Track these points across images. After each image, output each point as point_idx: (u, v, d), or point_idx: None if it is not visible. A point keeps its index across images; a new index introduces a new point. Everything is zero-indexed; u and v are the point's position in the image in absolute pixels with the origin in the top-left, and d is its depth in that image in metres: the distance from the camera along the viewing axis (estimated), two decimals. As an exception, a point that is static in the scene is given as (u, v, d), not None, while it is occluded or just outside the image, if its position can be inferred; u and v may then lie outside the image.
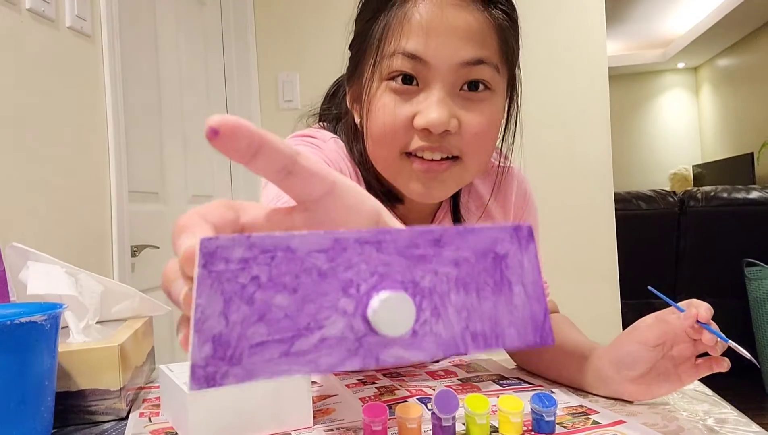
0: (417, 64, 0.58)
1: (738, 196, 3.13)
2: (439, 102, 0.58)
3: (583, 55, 2.37)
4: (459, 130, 0.60)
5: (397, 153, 0.61)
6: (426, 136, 0.59)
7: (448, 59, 0.58)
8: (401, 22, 0.58)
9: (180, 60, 1.96)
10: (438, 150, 0.60)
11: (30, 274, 0.75)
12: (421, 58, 0.58)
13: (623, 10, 5.33)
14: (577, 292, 2.36)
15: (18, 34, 1.17)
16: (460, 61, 0.58)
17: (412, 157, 0.61)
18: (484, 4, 0.59)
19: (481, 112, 0.61)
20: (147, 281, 1.68)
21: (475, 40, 0.58)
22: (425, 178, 0.61)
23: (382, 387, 0.74)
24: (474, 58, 0.58)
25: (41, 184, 1.22)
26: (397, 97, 0.59)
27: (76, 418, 0.66)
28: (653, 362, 0.62)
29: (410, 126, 0.60)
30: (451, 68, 0.58)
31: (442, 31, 0.57)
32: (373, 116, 0.61)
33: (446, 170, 0.61)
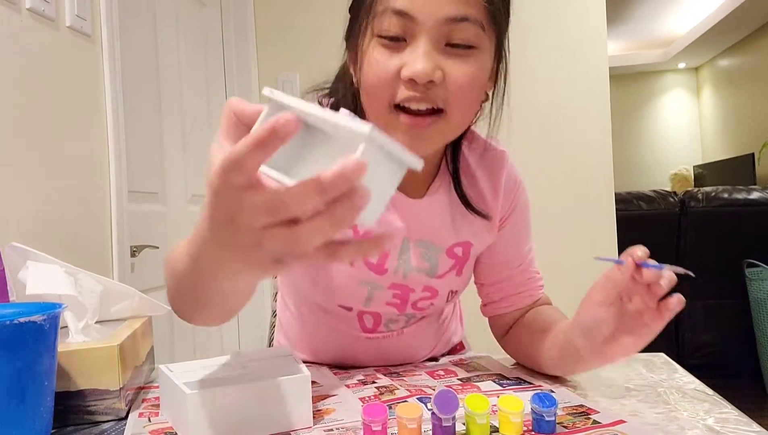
0: (405, 21, 0.62)
1: (739, 197, 3.13)
2: (425, 54, 0.61)
3: (583, 55, 2.37)
4: (443, 81, 0.63)
5: (387, 105, 0.64)
6: (412, 86, 0.62)
7: (433, 14, 0.61)
8: None
9: (180, 60, 1.96)
10: (423, 100, 0.63)
11: (29, 274, 0.75)
12: (408, 14, 0.61)
13: (624, 10, 5.33)
14: (577, 293, 2.35)
15: (18, 34, 1.17)
16: (445, 17, 0.61)
17: (399, 110, 0.64)
18: None
19: (466, 65, 0.63)
20: (147, 281, 1.68)
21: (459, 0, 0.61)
22: (411, 132, 0.64)
23: (382, 386, 0.74)
24: (459, 15, 0.61)
25: (41, 183, 1.22)
26: (386, 51, 0.63)
27: (75, 418, 0.66)
28: (616, 320, 0.62)
29: (398, 77, 0.63)
30: (437, 23, 0.61)
31: None
32: (365, 70, 0.65)
33: (430, 125, 0.65)
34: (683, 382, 0.75)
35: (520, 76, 2.61)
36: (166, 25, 1.88)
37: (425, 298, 0.82)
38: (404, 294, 0.80)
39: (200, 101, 2.11)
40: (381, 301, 0.80)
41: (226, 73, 2.33)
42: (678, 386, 0.73)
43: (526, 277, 0.85)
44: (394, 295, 0.80)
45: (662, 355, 0.88)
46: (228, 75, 2.34)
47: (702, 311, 3.22)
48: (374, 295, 0.80)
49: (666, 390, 0.72)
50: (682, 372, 0.80)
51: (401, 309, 0.82)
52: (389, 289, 0.79)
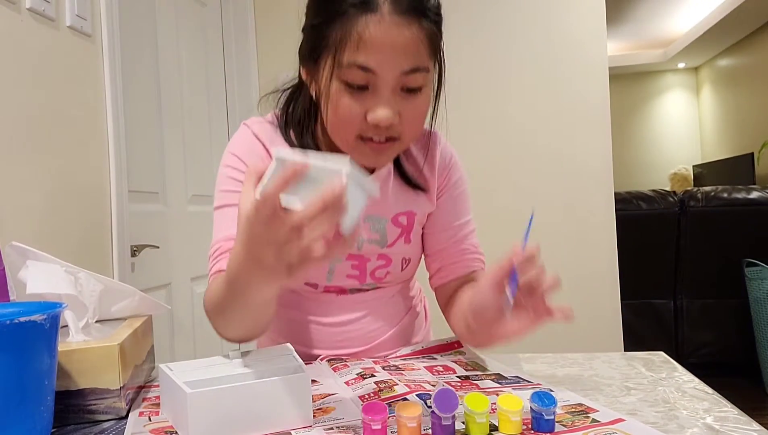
0: (368, 74, 0.73)
1: (738, 197, 3.13)
2: (386, 103, 0.74)
3: (583, 55, 2.37)
4: (399, 119, 0.75)
5: (353, 138, 0.77)
6: (376, 128, 0.75)
7: (391, 70, 0.73)
8: (356, 37, 0.71)
9: (180, 60, 1.96)
10: (384, 134, 0.76)
11: (29, 273, 0.75)
12: (372, 70, 0.72)
13: (623, 10, 5.33)
14: (577, 292, 2.35)
15: (18, 34, 1.17)
16: (401, 70, 0.73)
17: (363, 140, 0.77)
18: (417, 18, 0.73)
19: (417, 105, 0.77)
20: (147, 280, 1.68)
21: (412, 53, 0.73)
22: (374, 154, 0.79)
23: (380, 382, 0.74)
24: (411, 68, 0.73)
25: (41, 183, 1.22)
26: (351, 97, 0.74)
27: (75, 418, 0.66)
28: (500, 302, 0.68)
29: (363, 120, 0.75)
30: (395, 76, 0.73)
31: (387, 47, 0.72)
32: (332, 109, 0.76)
33: (390, 148, 0.78)
34: (683, 381, 0.75)
35: (520, 76, 2.63)
36: (166, 25, 1.88)
37: (381, 266, 0.92)
38: (361, 264, 0.91)
39: (200, 101, 2.11)
40: (342, 274, 0.91)
41: (226, 73, 2.33)
42: (677, 385, 0.73)
43: (460, 247, 0.93)
44: (352, 265, 0.90)
45: (662, 354, 0.88)
46: (228, 75, 2.34)
47: (701, 310, 3.22)
48: (335, 269, 0.90)
49: (665, 389, 0.72)
50: (682, 371, 0.80)
51: (362, 280, 0.92)
52: (347, 261, 0.90)
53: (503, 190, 2.38)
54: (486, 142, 2.40)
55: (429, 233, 0.95)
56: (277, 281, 0.58)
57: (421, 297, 1.09)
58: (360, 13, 0.71)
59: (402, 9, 0.71)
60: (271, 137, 0.87)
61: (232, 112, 2.33)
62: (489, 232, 2.39)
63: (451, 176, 0.94)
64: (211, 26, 2.23)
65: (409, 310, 1.01)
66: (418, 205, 0.92)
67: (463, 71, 2.41)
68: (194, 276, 1.97)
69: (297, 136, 0.86)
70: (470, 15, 2.41)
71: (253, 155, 0.85)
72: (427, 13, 0.74)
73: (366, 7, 0.71)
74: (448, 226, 0.93)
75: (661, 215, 3.20)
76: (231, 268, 0.62)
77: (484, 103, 2.41)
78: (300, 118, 0.86)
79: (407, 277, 0.99)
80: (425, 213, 0.93)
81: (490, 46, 2.40)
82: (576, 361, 0.87)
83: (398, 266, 0.93)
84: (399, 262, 0.93)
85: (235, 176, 0.84)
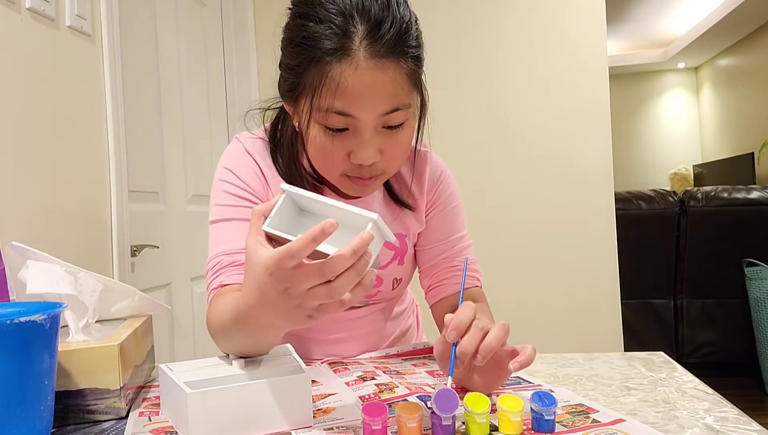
0: (347, 118, 0.71)
1: (738, 196, 3.13)
2: (368, 143, 0.73)
3: (583, 55, 2.37)
4: (382, 156, 0.75)
5: (337, 175, 0.77)
6: (359, 167, 0.75)
7: (371, 113, 0.71)
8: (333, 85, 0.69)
9: (180, 60, 1.96)
10: (368, 174, 0.76)
11: (30, 273, 0.75)
12: (350, 115, 0.71)
13: (623, 10, 5.33)
14: (577, 292, 2.36)
15: (18, 34, 1.17)
16: (380, 113, 0.71)
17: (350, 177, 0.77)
18: (396, 59, 0.70)
19: (399, 141, 0.75)
20: (147, 280, 1.68)
21: (391, 94, 0.71)
22: (360, 188, 0.79)
23: (381, 384, 0.74)
24: (391, 108, 0.71)
25: (41, 183, 1.22)
26: (331, 138, 0.73)
27: (75, 418, 0.66)
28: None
29: (346, 159, 0.74)
30: (375, 118, 0.72)
31: (365, 93, 0.69)
32: (313, 149, 0.76)
33: (374, 181, 0.78)
34: (683, 381, 0.75)
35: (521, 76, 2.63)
36: (166, 25, 1.88)
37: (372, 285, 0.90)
38: None
39: (200, 101, 2.11)
40: None
41: (226, 73, 2.33)
42: (677, 385, 0.73)
43: (452, 264, 0.92)
44: None
45: (662, 354, 0.88)
46: (228, 75, 2.34)
47: (701, 310, 3.22)
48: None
49: (665, 389, 0.72)
50: (682, 371, 0.80)
51: None
52: None
53: (503, 191, 2.38)
54: (485, 143, 2.40)
55: (420, 250, 0.94)
56: (294, 326, 0.57)
57: (413, 308, 1.09)
58: (335, 61, 0.68)
59: (379, 54, 0.69)
60: (262, 154, 0.86)
61: (232, 112, 2.33)
62: (488, 232, 2.39)
63: (441, 193, 0.93)
64: (211, 26, 2.23)
65: (399, 325, 1.01)
66: (408, 226, 0.92)
67: (462, 71, 2.41)
68: (194, 276, 1.97)
69: (285, 164, 0.85)
70: (470, 15, 2.41)
71: (246, 170, 0.85)
72: (406, 51, 0.71)
73: (342, 54, 0.68)
74: (438, 243, 0.92)
75: (661, 215, 3.20)
76: (242, 309, 0.60)
77: (484, 102, 2.41)
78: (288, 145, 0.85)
79: (398, 295, 0.99)
80: (415, 233, 0.93)
81: (490, 46, 2.40)
82: (576, 361, 0.87)
83: (389, 286, 0.94)
84: (390, 283, 0.93)
85: (229, 190, 0.84)
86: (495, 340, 0.62)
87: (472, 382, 0.70)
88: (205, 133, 2.12)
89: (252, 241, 0.56)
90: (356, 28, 0.68)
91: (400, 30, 0.70)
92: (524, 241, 2.37)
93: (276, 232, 0.56)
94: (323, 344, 0.94)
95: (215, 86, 2.24)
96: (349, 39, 0.68)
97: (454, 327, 0.63)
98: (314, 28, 0.69)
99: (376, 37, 0.68)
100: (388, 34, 0.69)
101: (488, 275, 0.96)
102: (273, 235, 0.56)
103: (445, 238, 0.92)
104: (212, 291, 0.79)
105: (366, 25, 0.68)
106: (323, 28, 0.69)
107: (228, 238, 0.80)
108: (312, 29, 0.70)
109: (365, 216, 0.53)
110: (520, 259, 2.38)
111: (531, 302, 2.36)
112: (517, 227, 2.38)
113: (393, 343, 1.00)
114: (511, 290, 2.35)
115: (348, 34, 0.68)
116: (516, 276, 2.37)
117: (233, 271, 0.78)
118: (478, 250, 0.96)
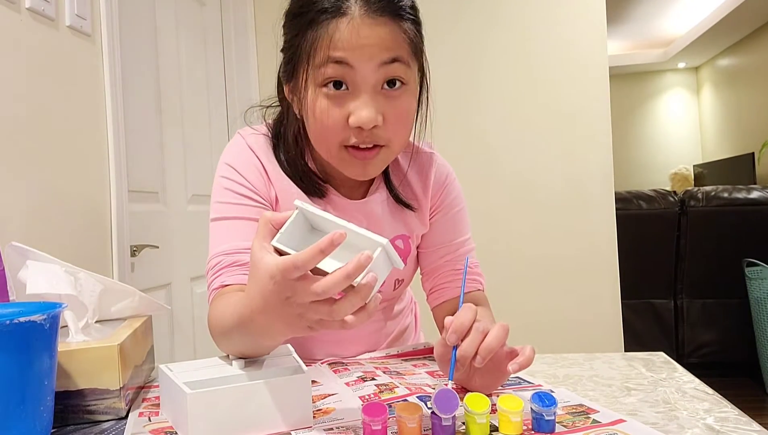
0: (345, 69, 0.71)
1: (739, 196, 3.13)
2: (367, 103, 0.71)
3: (583, 55, 2.37)
4: (384, 122, 0.73)
5: (337, 146, 0.75)
6: (359, 132, 0.73)
7: (369, 61, 0.71)
8: (328, 37, 0.70)
9: (180, 60, 1.96)
10: (369, 140, 0.74)
11: (29, 273, 0.75)
12: (347, 62, 0.70)
13: (623, 10, 5.33)
14: (577, 292, 2.35)
15: (18, 34, 1.17)
16: (379, 62, 0.71)
17: (349, 148, 0.75)
18: (393, 18, 0.71)
19: (400, 105, 0.74)
20: (147, 280, 1.68)
21: (389, 46, 0.71)
22: (361, 163, 0.76)
23: (381, 384, 0.74)
24: (389, 58, 0.71)
25: (41, 183, 1.22)
26: (330, 102, 0.72)
27: (75, 418, 0.66)
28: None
29: (345, 125, 0.73)
30: (373, 69, 0.71)
31: (362, 41, 0.70)
32: (312, 118, 0.74)
33: (376, 155, 0.76)
34: (683, 382, 0.75)
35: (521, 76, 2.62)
36: (166, 25, 1.88)
37: None
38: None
39: (200, 101, 2.10)
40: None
41: (226, 73, 2.33)
42: (678, 385, 0.73)
43: (454, 267, 0.92)
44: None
45: (662, 354, 0.88)
46: (228, 75, 2.34)
47: (702, 310, 3.22)
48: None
49: (666, 389, 0.72)
50: (682, 371, 0.80)
51: None
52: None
53: (503, 191, 2.38)
54: (485, 142, 2.40)
55: (423, 253, 0.94)
56: (295, 334, 0.57)
57: (412, 306, 1.09)
58: (331, 18, 0.70)
59: (373, 10, 0.70)
60: (265, 150, 0.86)
61: (232, 112, 2.33)
62: (488, 232, 2.39)
63: (446, 196, 0.93)
64: (211, 26, 2.22)
65: (398, 323, 1.02)
66: (412, 227, 0.91)
67: (462, 71, 2.41)
68: (194, 276, 1.97)
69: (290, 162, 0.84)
70: (470, 14, 2.41)
71: (249, 167, 0.84)
72: (401, 12, 0.72)
73: (336, 12, 0.70)
74: (441, 246, 0.92)
75: (662, 215, 3.20)
76: (244, 313, 0.60)
77: (484, 102, 2.41)
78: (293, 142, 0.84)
79: (398, 296, 0.99)
80: (418, 235, 0.93)
81: (490, 46, 2.40)
82: (576, 361, 0.87)
83: (390, 287, 0.94)
84: (392, 283, 0.93)
85: (231, 188, 0.83)
86: (494, 340, 0.62)
87: (472, 382, 0.70)
88: (205, 132, 2.12)
89: (258, 246, 0.56)
90: None
91: None
92: (524, 241, 2.37)
93: (285, 248, 0.55)
94: (323, 344, 0.94)
95: (215, 86, 2.24)
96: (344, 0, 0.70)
97: (454, 330, 0.63)
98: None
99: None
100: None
101: (488, 275, 0.96)
102: (282, 250, 0.56)
103: (449, 241, 0.92)
104: (213, 291, 0.79)
105: None
106: None
107: (229, 237, 0.80)
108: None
109: (375, 240, 0.53)
110: (520, 259, 2.38)
111: (531, 302, 2.36)
112: (516, 227, 2.37)
113: (392, 341, 1.00)
114: (511, 291, 2.35)
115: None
116: (516, 276, 2.37)
117: (234, 271, 0.77)
118: (477, 249, 0.96)
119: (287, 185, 0.84)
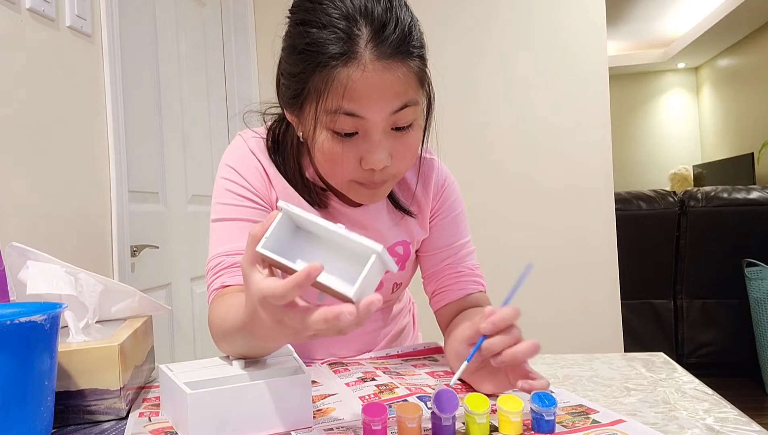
0: (356, 120, 0.70)
1: (738, 196, 3.13)
2: (378, 146, 0.72)
3: (583, 55, 2.37)
4: (392, 159, 0.74)
5: (346, 181, 0.76)
6: (370, 172, 0.74)
7: (380, 113, 0.70)
8: (341, 86, 0.68)
9: (180, 60, 1.96)
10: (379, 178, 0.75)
11: (30, 274, 0.75)
12: (359, 116, 0.70)
13: (623, 10, 5.33)
14: (577, 292, 2.36)
15: (18, 34, 1.17)
16: (390, 111, 0.71)
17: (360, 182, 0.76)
18: (402, 59, 0.70)
19: (408, 141, 0.75)
20: (147, 281, 1.68)
21: (399, 92, 0.70)
22: (370, 194, 0.78)
23: (381, 385, 0.74)
24: (400, 106, 0.71)
25: (41, 183, 1.22)
26: (340, 143, 0.72)
27: (75, 418, 0.66)
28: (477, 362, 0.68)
29: (356, 166, 0.74)
30: (384, 117, 0.71)
31: (374, 92, 0.69)
32: (320, 154, 0.75)
33: (384, 186, 0.78)
34: (683, 382, 0.75)
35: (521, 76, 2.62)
36: (166, 25, 1.88)
37: None
38: None
39: (200, 101, 2.11)
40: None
41: (226, 73, 2.33)
42: (677, 386, 0.73)
43: (455, 270, 0.92)
44: None
45: (662, 355, 0.88)
46: (228, 75, 2.34)
47: (701, 310, 3.22)
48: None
49: (665, 389, 0.72)
50: (682, 371, 0.80)
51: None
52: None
53: (503, 191, 2.38)
54: (485, 142, 2.40)
55: (424, 256, 0.94)
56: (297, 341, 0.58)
57: (410, 307, 1.09)
58: (341, 64, 0.68)
59: (385, 55, 0.68)
60: (266, 153, 0.86)
61: (232, 112, 2.33)
62: (488, 232, 2.39)
63: (445, 200, 0.93)
64: (211, 26, 2.23)
65: (396, 323, 1.02)
66: (412, 232, 0.91)
67: (462, 71, 2.41)
68: (194, 276, 1.97)
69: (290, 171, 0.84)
70: (470, 15, 2.41)
71: (250, 169, 0.84)
72: (410, 51, 0.71)
73: (348, 57, 0.68)
74: (442, 249, 0.92)
75: (661, 215, 3.20)
76: (244, 320, 0.59)
77: (484, 102, 2.41)
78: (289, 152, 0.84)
79: (396, 297, 0.99)
80: (418, 240, 0.93)
81: (490, 46, 2.40)
82: (576, 361, 0.87)
83: (389, 290, 0.94)
84: (390, 287, 0.94)
85: (232, 189, 0.83)
86: (523, 351, 0.63)
87: (475, 378, 0.70)
88: (205, 133, 2.12)
89: (246, 263, 0.55)
90: (361, 31, 0.68)
91: (404, 31, 0.70)
92: (524, 241, 2.37)
93: (270, 255, 0.53)
94: (322, 343, 0.94)
95: (215, 86, 2.24)
96: (354, 42, 0.68)
97: (492, 321, 0.65)
98: (318, 34, 0.69)
99: (381, 39, 0.68)
100: (393, 35, 0.68)
101: (489, 276, 0.96)
102: (267, 257, 0.54)
103: (449, 245, 0.92)
104: (213, 292, 0.79)
105: (370, 27, 0.68)
106: (327, 33, 0.68)
107: (230, 238, 0.80)
108: (315, 35, 0.69)
109: (369, 247, 0.51)
110: (520, 259, 2.38)
111: (531, 302, 2.36)
112: (516, 227, 2.37)
113: (390, 340, 1.01)
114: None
115: (353, 37, 0.68)
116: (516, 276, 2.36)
117: (235, 272, 0.77)
118: (477, 249, 0.96)
119: (288, 188, 0.84)
